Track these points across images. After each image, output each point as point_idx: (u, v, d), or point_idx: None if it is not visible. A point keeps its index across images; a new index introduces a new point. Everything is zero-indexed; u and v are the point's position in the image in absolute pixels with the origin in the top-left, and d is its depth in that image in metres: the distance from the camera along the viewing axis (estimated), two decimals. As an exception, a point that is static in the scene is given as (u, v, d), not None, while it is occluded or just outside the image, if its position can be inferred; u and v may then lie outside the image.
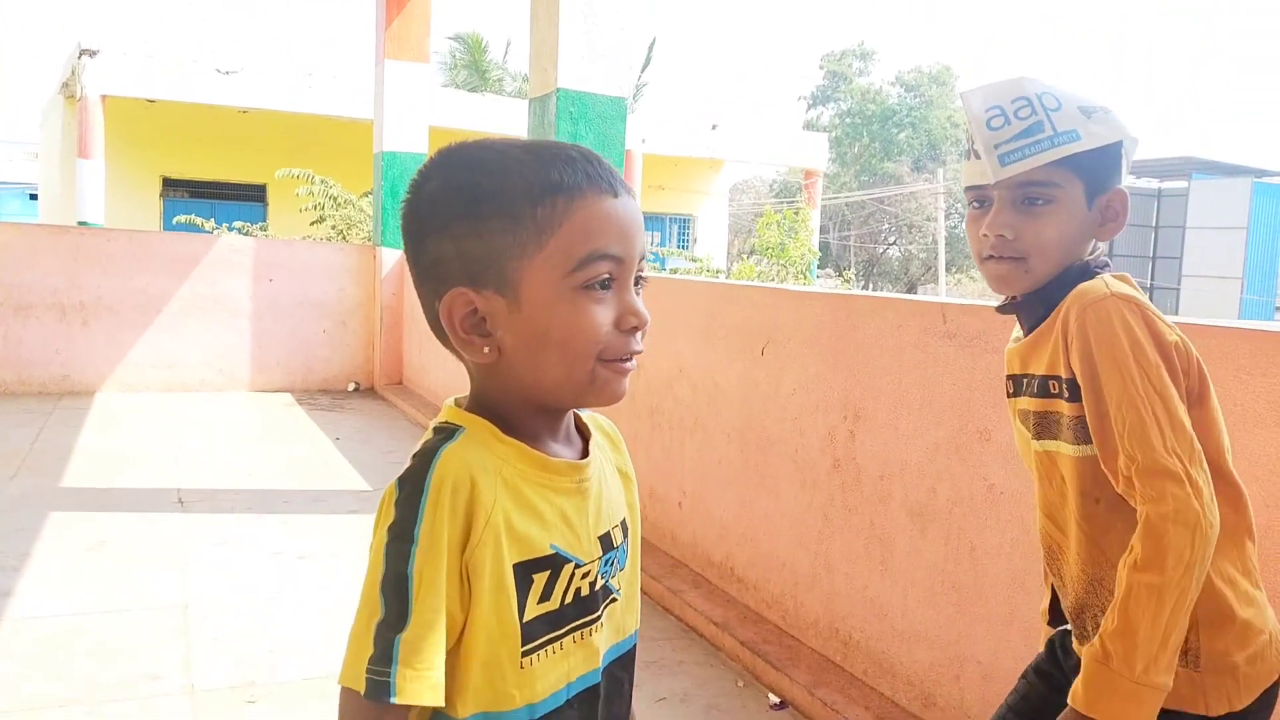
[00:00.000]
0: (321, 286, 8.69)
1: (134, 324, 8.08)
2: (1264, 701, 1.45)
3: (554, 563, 1.00)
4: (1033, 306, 1.53)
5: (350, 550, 4.39)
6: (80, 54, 14.93)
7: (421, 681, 0.91)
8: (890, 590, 3.00)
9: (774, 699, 3.15)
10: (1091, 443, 1.42)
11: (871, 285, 36.54)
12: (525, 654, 0.98)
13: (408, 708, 0.92)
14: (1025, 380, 1.54)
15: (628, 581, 1.13)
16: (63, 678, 3.04)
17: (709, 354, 4.02)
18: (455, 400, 1.05)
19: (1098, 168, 1.48)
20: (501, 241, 0.96)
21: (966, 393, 2.72)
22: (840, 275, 24.91)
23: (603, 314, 0.98)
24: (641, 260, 1.01)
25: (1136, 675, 1.28)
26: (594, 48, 4.93)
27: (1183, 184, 25.96)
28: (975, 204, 1.54)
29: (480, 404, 1.03)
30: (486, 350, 0.99)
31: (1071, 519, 1.50)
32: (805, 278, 17.93)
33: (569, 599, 1.02)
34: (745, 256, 19.78)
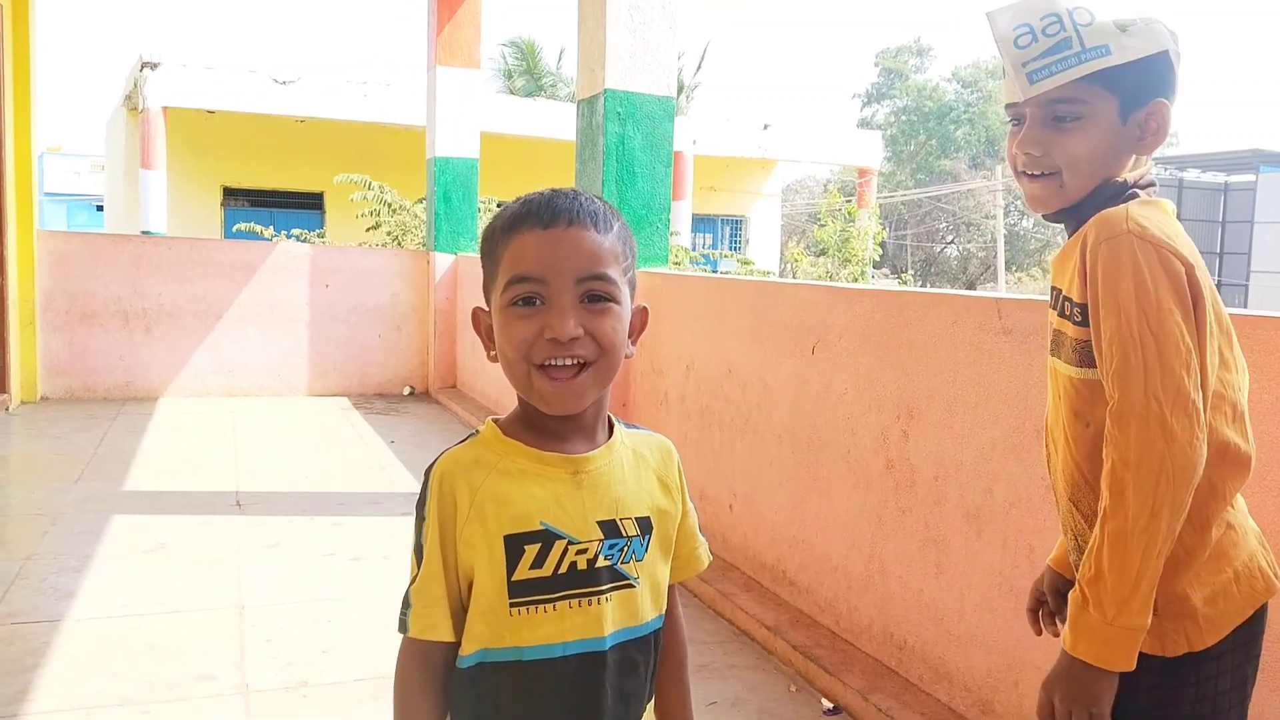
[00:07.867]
0: (376, 292, 8.78)
1: (194, 330, 8.23)
2: (1239, 637, 1.41)
3: (545, 537, 1.21)
4: (1071, 219, 1.53)
5: (402, 552, 4.39)
6: (142, 67, 15.28)
7: (421, 620, 1.21)
8: (946, 594, 2.93)
9: (827, 704, 3.10)
10: (1089, 367, 1.43)
11: (929, 285, 36.05)
12: (514, 606, 1.20)
13: (448, 646, 1.22)
14: (1054, 293, 1.55)
15: (648, 574, 1.28)
16: (120, 677, 3.09)
17: (758, 354, 3.97)
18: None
19: (1133, 82, 1.45)
20: (488, 273, 1.25)
21: (1023, 389, 2.65)
22: (898, 276, 24.51)
23: (526, 327, 1.18)
24: (589, 280, 1.18)
25: (1110, 619, 1.32)
26: (641, 47, 4.91)
27: (1250, 177, 25.24)
28: (1013, 121, 1.55)
29: (518, 406, 1.27)
30: (492, 354, 1.25)
31: (1062, 436, 1.51)
32: (863, 277, 17.65)
33: (562, 569, 1.21)
34: (800, 258, 19.50)
